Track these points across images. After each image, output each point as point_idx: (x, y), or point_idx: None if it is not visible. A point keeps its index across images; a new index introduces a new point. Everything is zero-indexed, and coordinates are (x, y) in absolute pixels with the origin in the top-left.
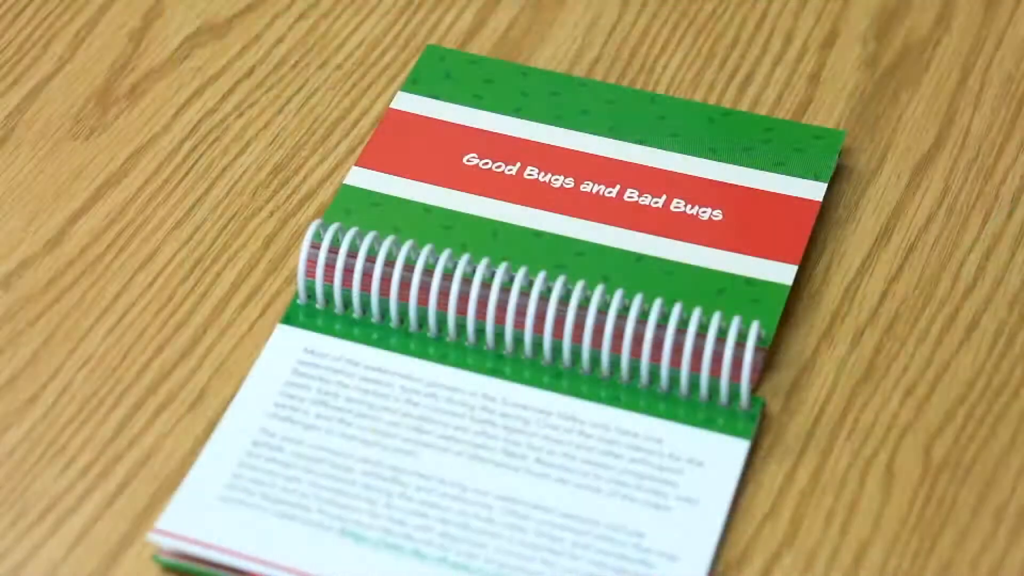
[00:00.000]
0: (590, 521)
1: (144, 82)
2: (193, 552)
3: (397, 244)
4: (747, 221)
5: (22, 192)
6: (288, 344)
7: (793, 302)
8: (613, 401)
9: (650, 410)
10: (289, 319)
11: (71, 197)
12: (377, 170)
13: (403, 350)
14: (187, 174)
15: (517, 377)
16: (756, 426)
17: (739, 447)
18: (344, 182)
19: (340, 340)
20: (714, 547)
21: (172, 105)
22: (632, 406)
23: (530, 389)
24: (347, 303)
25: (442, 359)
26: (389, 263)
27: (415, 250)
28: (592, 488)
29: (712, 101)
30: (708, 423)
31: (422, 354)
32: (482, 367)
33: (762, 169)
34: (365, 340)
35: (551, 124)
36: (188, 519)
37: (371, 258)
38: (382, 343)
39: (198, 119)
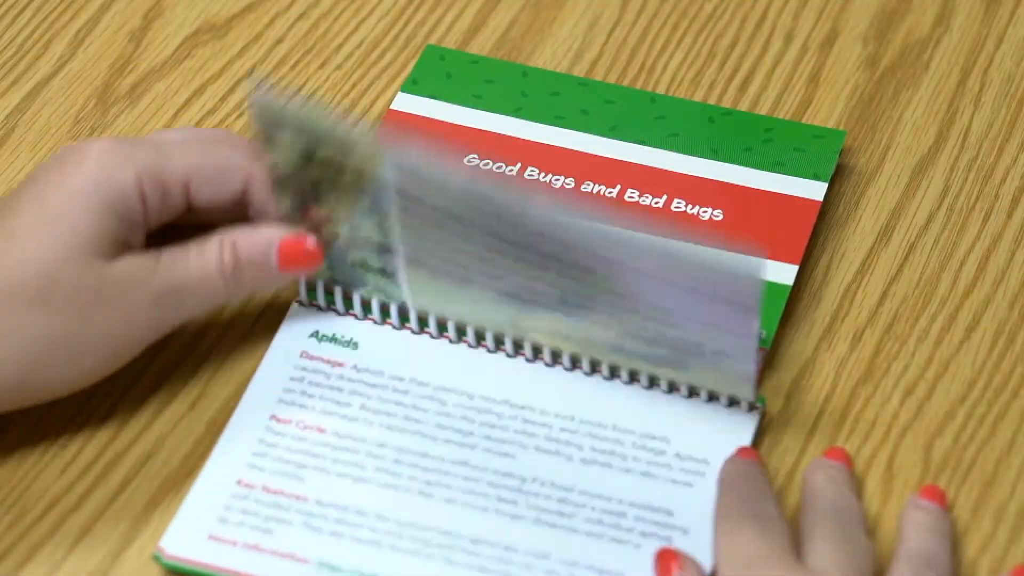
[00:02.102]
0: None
1: (144, 82)
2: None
3: None
4: (747, 221)
5: None
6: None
7: (793, 302)
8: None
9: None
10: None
11: None
12: None
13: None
14: None
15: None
16: (757, 424)
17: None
18: None
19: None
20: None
21: (172, 105)
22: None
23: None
24: (348, 303)
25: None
26: None
27: None
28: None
29: (712, 101)
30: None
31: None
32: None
33: (762, 169)
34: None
35: (551, 124)
36: None
37: None
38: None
39: (198, 119)
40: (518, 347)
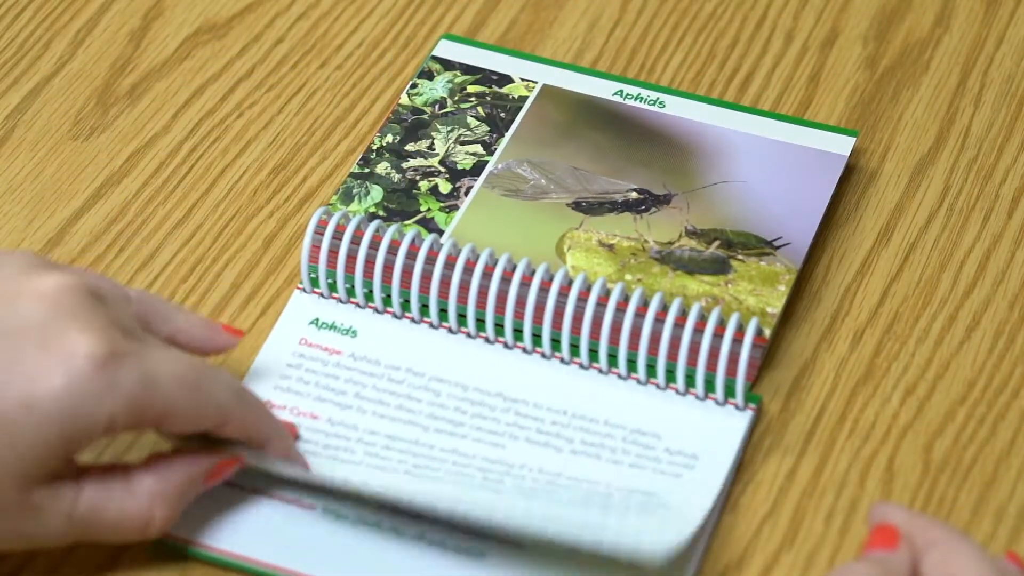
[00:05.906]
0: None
1: (144, 82)
2: None
3: (400, 231)
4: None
5: (22, 192)
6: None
7: (793, 302)
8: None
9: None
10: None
11: (71, 197)
12: None
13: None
14: (187, 174)
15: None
16: (750, 422)
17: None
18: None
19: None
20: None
21: (172, 105)
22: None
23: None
24: (350, 290)
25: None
26: (392, 252)
27: (420, 238)
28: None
29: None
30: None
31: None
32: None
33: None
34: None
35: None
36: None
37: (374, 246)
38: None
39: (198, 119)
40: (516, 337)
